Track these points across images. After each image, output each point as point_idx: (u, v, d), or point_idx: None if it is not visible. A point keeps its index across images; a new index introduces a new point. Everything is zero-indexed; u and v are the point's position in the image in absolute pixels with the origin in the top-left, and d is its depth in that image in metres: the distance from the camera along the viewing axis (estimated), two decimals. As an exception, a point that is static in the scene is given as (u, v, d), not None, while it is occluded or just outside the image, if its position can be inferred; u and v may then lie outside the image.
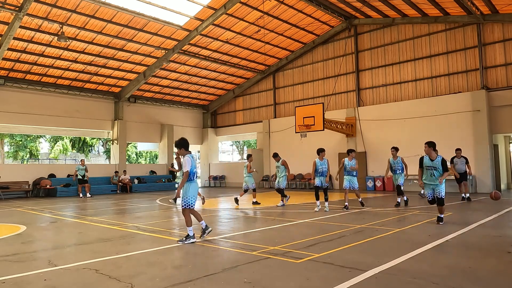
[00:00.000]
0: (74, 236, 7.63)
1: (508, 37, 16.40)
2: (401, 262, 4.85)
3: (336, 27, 21.27)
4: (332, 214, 9.78)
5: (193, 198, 6.49)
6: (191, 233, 6.34)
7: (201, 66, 22.50)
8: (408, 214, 9.64)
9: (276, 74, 24.84)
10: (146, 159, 45.17)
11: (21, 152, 35.85)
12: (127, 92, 22.73)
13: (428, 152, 7.61)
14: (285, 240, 6.41)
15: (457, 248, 5.67)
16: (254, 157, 24.71)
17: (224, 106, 28.06)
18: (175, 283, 4.13)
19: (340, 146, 20.45)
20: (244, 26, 19.43)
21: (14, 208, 13.05)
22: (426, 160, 7.69)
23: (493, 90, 16.57)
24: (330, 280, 4.14)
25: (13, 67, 18.68)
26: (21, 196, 18.42)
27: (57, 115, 20.74)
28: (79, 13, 15.90)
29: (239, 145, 48.26)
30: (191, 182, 6.47)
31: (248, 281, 4.16)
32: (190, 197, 6.44)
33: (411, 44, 19.12)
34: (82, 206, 13.76)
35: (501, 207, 10.60)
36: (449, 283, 3.98)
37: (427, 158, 7.68)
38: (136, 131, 24.09)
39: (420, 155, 18.72)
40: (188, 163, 6.38)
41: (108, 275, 4.51)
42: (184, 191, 6.46)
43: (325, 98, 21.78)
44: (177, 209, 12.11)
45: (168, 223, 9.22)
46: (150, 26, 17.95)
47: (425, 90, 18.59)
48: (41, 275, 4.58)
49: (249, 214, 10.52)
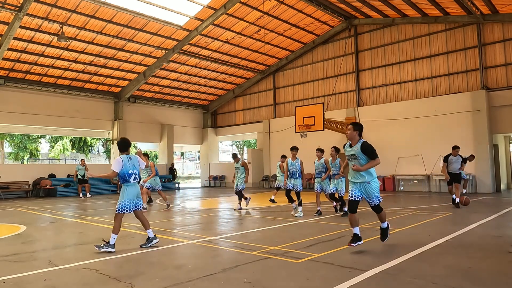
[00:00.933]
0: (74, 236, 7.63)
1: (508, 37, 16.40)
2: (401, 262, 4.85)
3: (336, 27, 21.27)
4: (332, 215, 9.77)
5: (129, 203, 5.96)
6: (112, 241, 5.75)
7: (201, 66, 22.50)
8: (408, 214, 9.63)
9: (276, 74, 24.84)
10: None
11: (22, 153, 35.84)
12: (127, 92, 22.72)
13: (351, 137, 5.69)
14: (285, 240, 6.40)
15: (457, 248, 5.66)
16: (253, 157, 24.85)
17: (224, 106, 28.05)
18: (175, 283, 4.13)
19: (340, 146, 20.36)
20: (244, 26, 19.43)
21: (14, 208, 13.04)
22: (346, 148, 5.85)
23: (493, 90, 16.57)
24: (330, 280, 4.13)
25: (13, 67, 18.68)
26: (21, 196, 18.42)
27: (57, 115, 20.74)
28: (79, 13, 15.90)
29: (239, 145, 48.25)
30: (127, 186, 6.01)
31: (248, 281, 4.16)
32: (126, 201, 5.94)
33: (411, 44, 19.12)
34: (82, 206, 13.76)
35: (501, 207, 10.61)
36: (449, 283, 3.98)
37: (347, 145, 5.86)
38: (136, 131, 24.08)
39: (420, 155, 18.81)
40: (116, 163, 5.94)
41: (108, 275, 4.51)
42: (120, 195, 6.03)
43: (325, 98, 21.78)
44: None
45: (168, 223, 9.22)
46: (150, 26, 17.95)
47: (425, 90, 18.59)
48: (41, 275, 4.58)
49: (249, 214, 10.51)
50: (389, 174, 18.63)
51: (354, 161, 5.62)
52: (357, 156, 5.58)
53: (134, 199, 6.02)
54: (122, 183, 6.05)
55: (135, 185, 6.09)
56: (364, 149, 5.55)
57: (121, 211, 5.91)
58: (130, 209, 5.98)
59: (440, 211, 9.94)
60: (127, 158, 6.06)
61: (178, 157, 50.02)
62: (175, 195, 18.65)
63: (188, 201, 15.53)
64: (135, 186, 6.09)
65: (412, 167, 18.02)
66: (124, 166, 5.95)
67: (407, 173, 18.15)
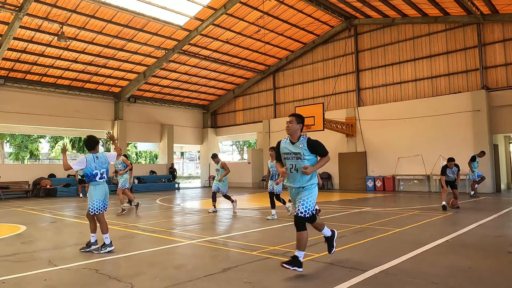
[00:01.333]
0: (74, 236, 7.63)
1: (508, 37, 16.40)
2: (401, 262, 4.85)
3: (336, 27, 21.27)
4: (332, 215, 9.77)
5: (99, 203, 5.84)
6: (108, 241, 5.75)
7: (201, 66, 22.50)
8: (408, 214, 9.64)
9: (276, 74, 24.85)
10: (146, 159, 45.18)
11: (23, 153, 35.87)
12: (127, 92, 22.73)
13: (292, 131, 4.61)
14: (285, 240, 6.40)
15: (457, 248, 5.66)
16: (253, 157, 24.85)
17: (224, 106, 28.06)
18: (175, 283, 4.12)
19: (340, 146, 20.47)
20: (244, 26, 19.43)
21: (14, 208, 13.04)
22: (283, 145, 4.68)
23: (493, 90, 16.57)
24: (330, 280, 4.13)
25: (13, 67, 18.68)
26: (21, 196, 18.42)
27: (57, 115, 20.73)
28: (79, 13, 15.90)
29: (239, 145, 48.27)
30: (95, 185, 5.88)
31: (248, 281, 4.16)
32: (95, 201, 5.81)
33: (411, 44, 19.12)
34: (82, 206, 13.75)
35: (501, 207, 10.61)
36: (449, 283, 3.98)
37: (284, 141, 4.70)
38: (136, 131, 24.09)
39: (420, 155, 18.78)
40: (79, 162, 5.83)
41: (108, 275, 4.51)
42: (89, 195, 5.90)
43: (325, 98, 21.78)
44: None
45: (168, 223, 9.22)
46: (150, 26, 17.95)
47: (425, 90, 18.59)
48: (41, 275, 4.58)
49: (249, 215, 10.51)
50: (389, 174, 18.64)
51: (296, 161, 4.51)
52: (302, 155, 4.50)
53: (103, 199, 5.92)
54: (89, 182, 5.94)
55: (103, 184, 5.97)
56: (312, 146, 4.52)
57: (91, 212, 5.82)
58: (101, 209, 5.88)
59: (440, 211, 9.95)
60: (93, 157, 5.89)
61: (178, 157, 50.03)
62: (175, 195, 18.64)
63: (188, 201, 15.54)
64: (103, 185, 5.96)
65: (412, 167, 18.02)
66: (88, 166, 5.80)
67: (407, 173, 18.15)
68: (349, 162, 20.13)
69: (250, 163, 24.69)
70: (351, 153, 20.20)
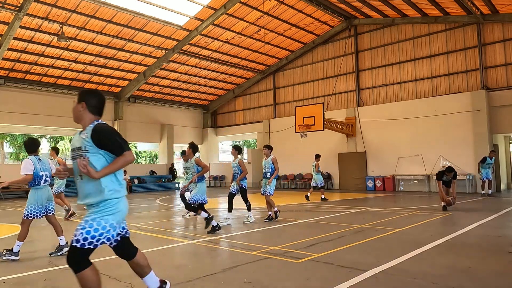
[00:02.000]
0: (74, 236, 7.61)
1: (508, 37, 16.39)
2: (401, 262, 4.85)
3: (336, 27, 21.27)
4: (332, 214, 9.76)
5: (38, 208, 5.56)
6: (16, 249, 5.34)
7: (201, 66, 22.50)
8: (408, 214, 9.63)
9: (276, 74, 24.84)
10: (146, 159, 45.17)
11: (23, 153, 35.84)
12: (127, 92, 22.73)
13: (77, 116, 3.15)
14: (285, 240, 6.40)
15: (457, 248, 5.66)
16: (253, 157, 24.84)
17: (224, 106, 28.05)
18: (175, 283, 4.12)
19: (340, 146, 20.47)
20: (244, 26, 19.43)
21: (14, 208, 13.04)
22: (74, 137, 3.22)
23: (493, 90, 16.57)
24: (330, 280, 4.13)
25: (13, 67, 18.68)
26: (21, 196, 18.40)
27: (57, 115, 20.70)
28: (79, 13, 15.89)
29: (239, 145, 48.21)
30: (36, 189, 5.59)
31: (248, 281, 4.16)
32: (33, 206, 5.55)
33: (411, 44, 19.11)
34: (82, 206, 13.74)
35: (501, 207, 10.60)
36: (449, 283, 3.98)
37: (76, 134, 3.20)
38: (136, 131, 24.08)
39: (420, 155, 18.78)
40: (27, 165, 5.54)
41: (108, 275, 4.50)
42: (28, 199, 5.61)
43: (325, 98, 21.78)
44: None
45: (168, 223, 9.22)
46: (150, 26, 17.95)
47: (425, 90, 18.59)
48: (41, 275, 4.58)
49: (249, 215, 10.48)
50: (389, 174, 18.63)
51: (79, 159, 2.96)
52: (83, 149, 2.98)
53: (44, 203, 5.65)
54: (31, 186, 5.63)
55: (45, 188, 5.70)
56: (98, 136, 2.97)
57: (29, 217, 5.50)
58: (39, 214, 5.59)
59: (440, 211, 9.94)
60: (36, 159, 5.67)
61: (178, 157, 49.94)
62: (175, 195, 18.64)
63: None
64: (45, 189, 5.70)
65: (412, 167, 18.02)
66: (35, 168, 5.56)
67: (407, 173, 18.15)
68: (349, 162, 20.13)
69: (250, 163, 24.67)
70: (351, 153, 20.20)
